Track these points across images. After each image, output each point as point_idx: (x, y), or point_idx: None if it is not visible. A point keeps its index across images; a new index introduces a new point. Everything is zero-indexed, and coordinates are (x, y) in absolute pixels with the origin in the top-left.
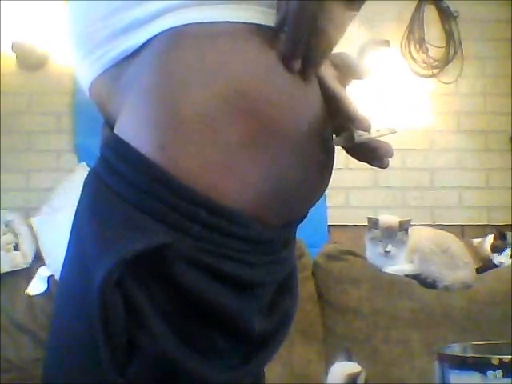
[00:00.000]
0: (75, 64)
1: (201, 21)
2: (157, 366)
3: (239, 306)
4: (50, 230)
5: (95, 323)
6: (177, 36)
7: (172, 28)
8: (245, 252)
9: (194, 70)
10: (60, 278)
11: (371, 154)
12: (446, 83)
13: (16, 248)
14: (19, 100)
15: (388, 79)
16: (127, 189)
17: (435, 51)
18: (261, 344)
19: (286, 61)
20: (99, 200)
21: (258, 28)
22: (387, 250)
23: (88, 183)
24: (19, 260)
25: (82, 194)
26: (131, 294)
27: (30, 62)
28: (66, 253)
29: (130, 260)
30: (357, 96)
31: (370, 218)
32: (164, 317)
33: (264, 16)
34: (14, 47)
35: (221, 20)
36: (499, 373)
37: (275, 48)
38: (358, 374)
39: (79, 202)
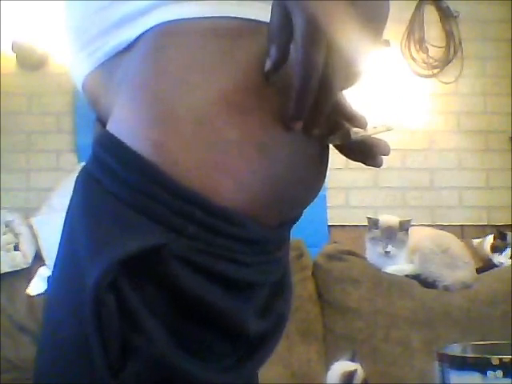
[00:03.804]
0: (69, 60)
1: (196, 16)
2: (151, 368)
3: (234, 307)
4: (50, 230)
5: (88, 325)
6: (171, 31)
7: (166, 22)
8: (240, 252)
9: (190, 68)
10: (51, 278)
11: (367, 152)
12: (446, 83)
13: (16, 248)
14: (19, 100)
15: (388, 79)
16: (120, 188)
17: (435, 51)
18: (255, 345)
19: (287, 120)
20: (91, 199)
21: (257, 25)
22: (387, 250)
23: (80, 181)
24: (19, 260)
25: (73, 193)
26: (125, 295)
27: (30, 62)
28: (58, 252)
29: (124, 261)
30: (357, 96)
31: (370, 218)
32: (159, 318)
33: (264, 12)
34: (13, 47)
35: (218, 15)
36: (499, 373)
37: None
38: (353, 373)
39: (71, 201)
